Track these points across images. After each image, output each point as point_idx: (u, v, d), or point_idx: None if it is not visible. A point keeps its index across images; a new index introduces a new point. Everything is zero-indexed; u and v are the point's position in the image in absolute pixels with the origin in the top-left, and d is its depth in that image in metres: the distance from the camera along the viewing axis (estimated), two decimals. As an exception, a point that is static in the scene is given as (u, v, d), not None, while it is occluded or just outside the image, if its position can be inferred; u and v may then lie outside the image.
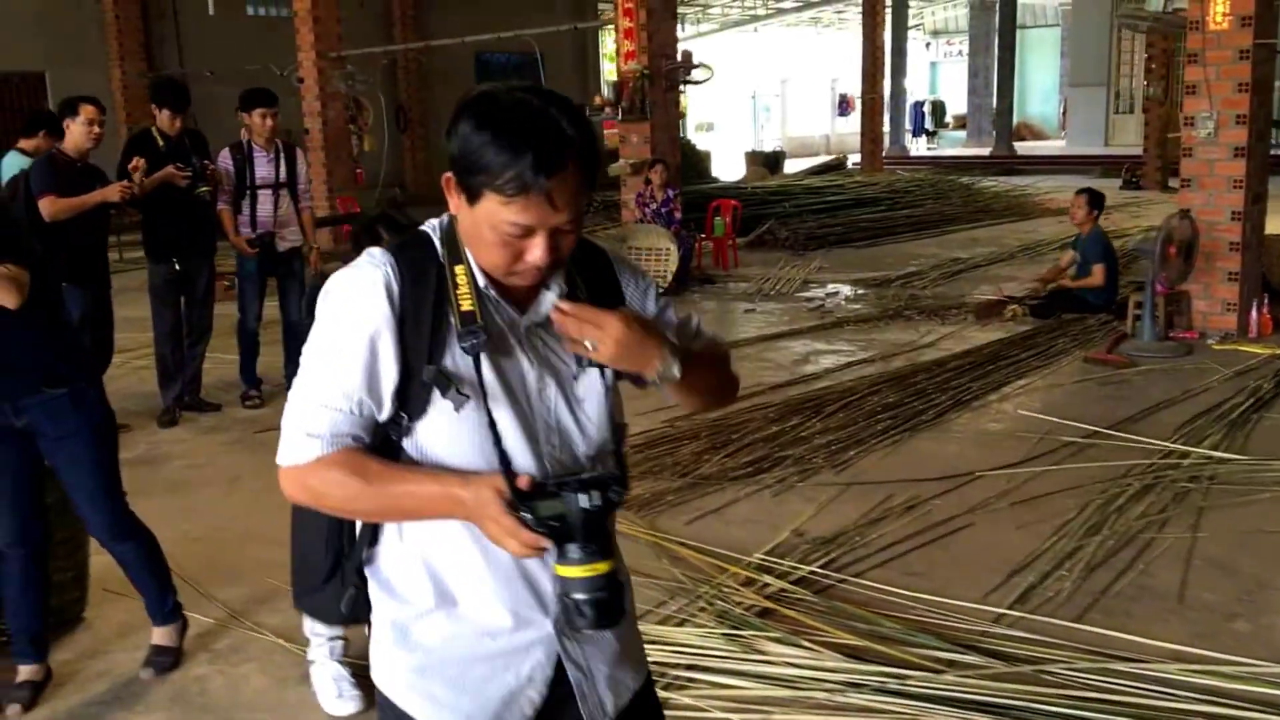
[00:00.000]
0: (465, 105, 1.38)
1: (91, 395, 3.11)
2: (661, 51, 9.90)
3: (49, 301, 3.05)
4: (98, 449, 3.12)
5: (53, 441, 3.06)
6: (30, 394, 3.00)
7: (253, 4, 16.54)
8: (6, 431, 3.03)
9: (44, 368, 3.00)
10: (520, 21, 13.04)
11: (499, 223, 1.35)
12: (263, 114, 6.04)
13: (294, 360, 6.45)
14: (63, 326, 3.17)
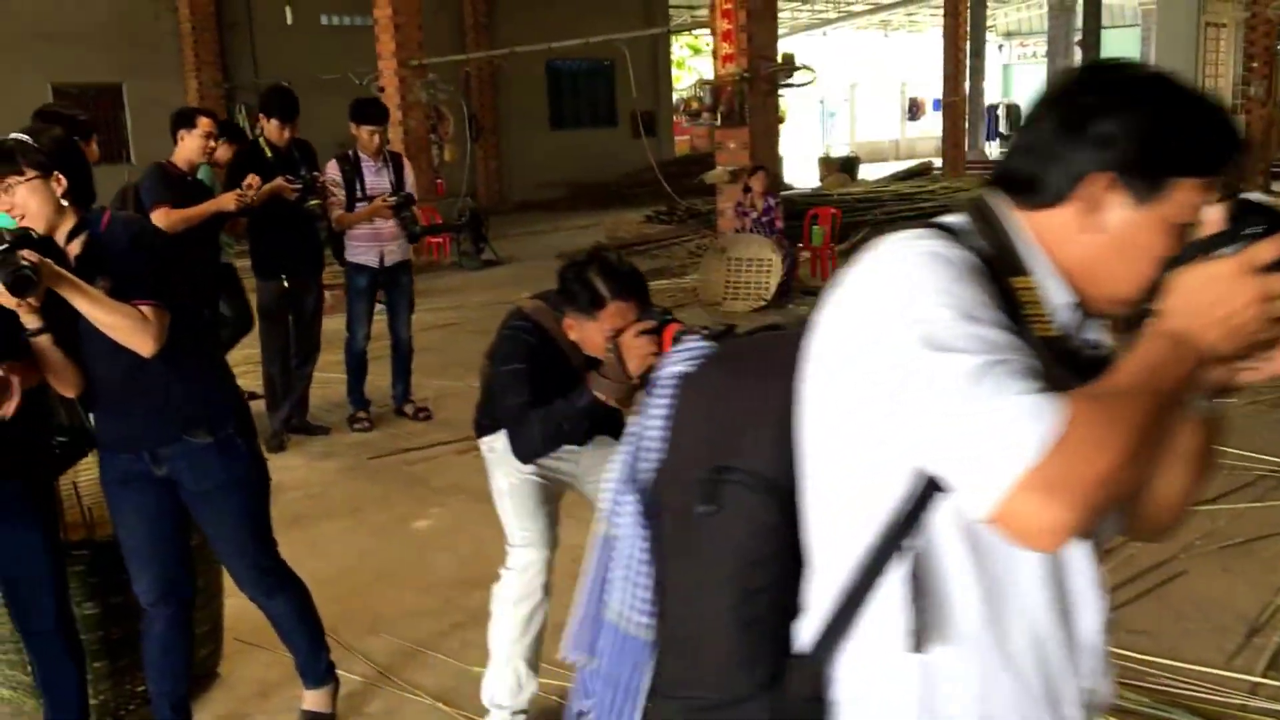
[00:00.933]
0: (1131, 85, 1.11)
1: (240, 445, 2.74)
2: (761, 54, 9.52)
3: (193, 338, 2.69)
4: (247, 502, 2.77)
5: (194, 495, 2.72)
6: (170, 442, 2.66)
7: (327, 13, 16.39)
8: (146, 479, 2.70)
9: (185, 413, 2.66)
10: (589, 28, 12.74)
11: (1185, 213, 1.09)
12: (370, 131, 5.76)
13: (403, 380, 6.16)
14: (208, 365, 2.79)
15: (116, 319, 2.45)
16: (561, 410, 2.64)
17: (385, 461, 5.45)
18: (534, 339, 2.74)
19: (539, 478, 2.96)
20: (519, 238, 14.58)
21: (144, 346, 2.49)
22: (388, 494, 4.99)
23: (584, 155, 19.91)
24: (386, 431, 5.98)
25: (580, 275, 2.61)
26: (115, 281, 2.48)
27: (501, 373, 2.74)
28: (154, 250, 2.62)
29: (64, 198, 2.53)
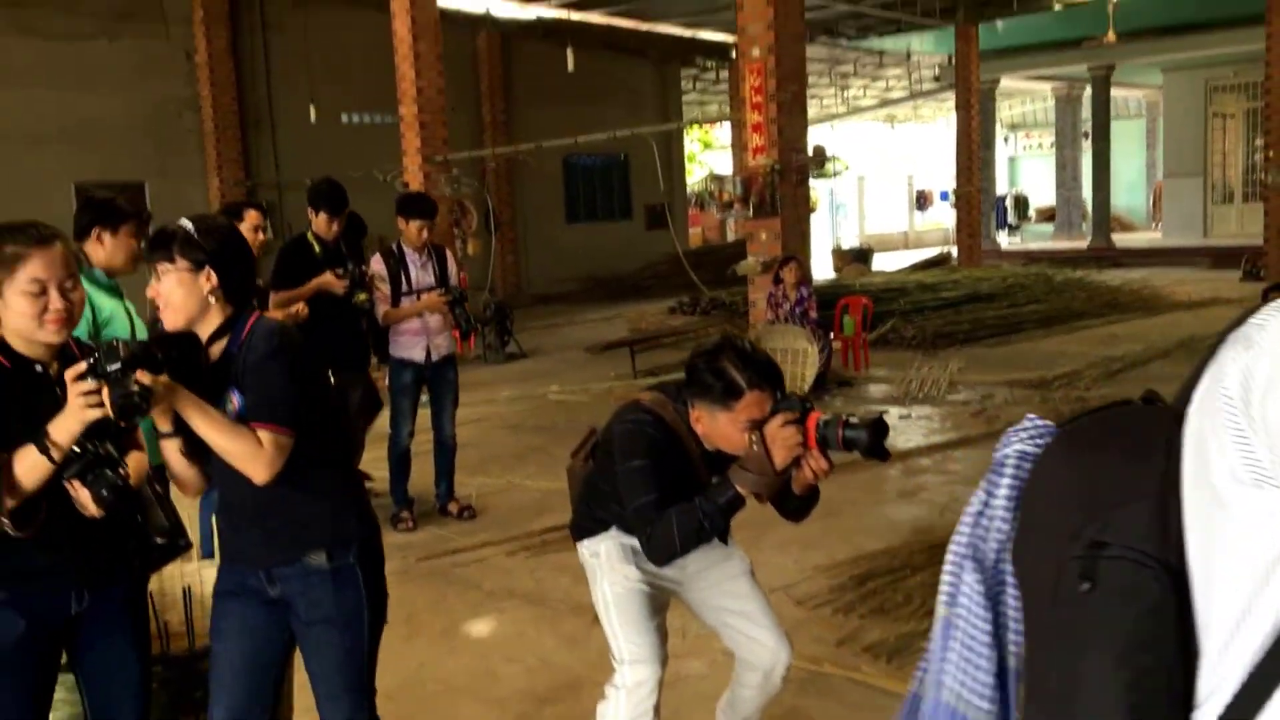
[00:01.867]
0: None
1: (358, 578, 2.50)
2: (792, 145, 9.52)
3: (325, 455, 2.50)
4: (352, 645, 2.52)
5: (303, 624, 2.51)
6: (287, 562, 2.47)
7: (348, 112, 16.59)
8: (258, 597, 2.51)
9: (306, 534, 2.46)
10: (604, 125, 12.83)
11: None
12: (419, 226, 5.67)
13: (446, 478, 5.99)
14: (339, 485, 2.55)
15: (229, 443, 2.31)
16: (701, 508, 2.48)
17: (434, 564, 5.25)
18: (657, 432, 2.59)
19: (646, 586, 2.78)
20: (539, 330, 14.52)
21: (256, 474, 2.33)
22: (441, 599, 4.77)
23: (600, 248, 20.02)
24: (431, 532, 5.79)
25: (713, 364, 2.48)
26: (243, 396, 2.35)
27: (627, 470, 2.59)
28: (291, 366, 2.39)
29: (212, 295, 2.39)
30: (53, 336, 2.30)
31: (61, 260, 2.30)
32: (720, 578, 2.89)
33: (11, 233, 2.29)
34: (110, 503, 2.22)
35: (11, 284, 2.25)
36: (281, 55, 15.87)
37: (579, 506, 2.94)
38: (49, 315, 2.26)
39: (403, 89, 12.69)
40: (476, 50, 18.61)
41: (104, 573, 2.43)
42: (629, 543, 2.82)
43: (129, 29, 14.60)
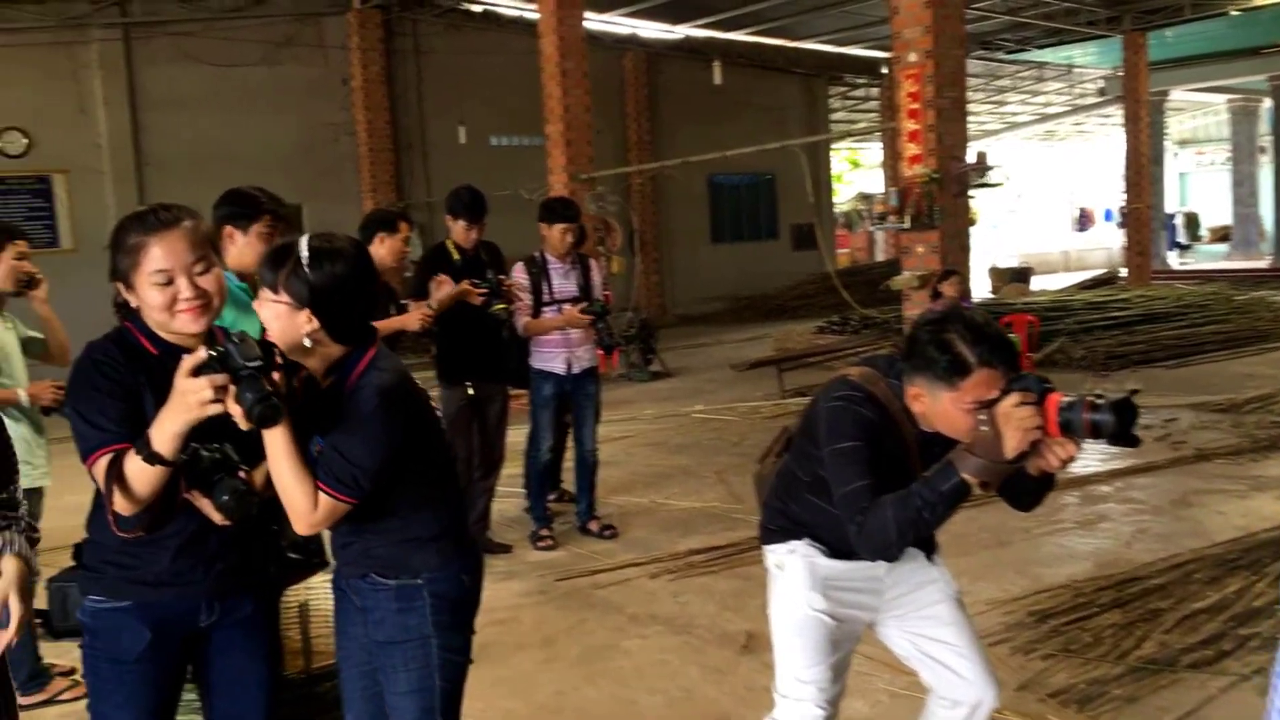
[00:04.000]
0: None
1: (423, 604, 2.24)
2: (951, 153, 9.02)
3: (420, 494, 2.27)
4: (421, 671, 2.25)
5: (374, 642, 2.29)
6: (359, 575, 2.29)
7: (496, 135, 16.75)
8: (351, 604, 2.33)
9: (380, 549, 2.26)
10: (752, 144, 12.49)
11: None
12: (563, 230, 5.46)
13: (587, 495, 5.76)
14: (430, 527, 2.28)
15: (289, 487, 2.09)
16: (920, 495, 2.16)
17: (574, 584, 4.99)
18: (869, 411, 2.28)
19: (829, 618, 2.47)
20: (683, 350, 14.27)
21: (296, 526, 2.15)
22: (581, 622, 4.51)
23: (745, 268, 19.70)
24: (571, 551, 5.54)
25: (938, 337, 2.16)
26: (328, 443, 2.13)
27: (835, 452, 2.28)
28: (386, 431, 2.13)
29: (311, 338, 2.14)
30: (189, 326, 2.12)
31: (188, 244, 2.10)
32: (922, 602, 2.54)
33: (134, 220, 2.13)
34: (235, 511, 2.01)
35: (139, 275, 2.09)
36: (433, 79, 16.15)
37: (769, 503, 2.64)
38: (179, 305, 2.09)
39: (549, 107, 12.67)
40: (623, 71, 18.59)
41: (236, 584, 2.25)
42: (822, 564, 2.50)
43: (288, 55, 15.05)
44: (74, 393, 2.09)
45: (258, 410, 1.90)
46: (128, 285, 2.12)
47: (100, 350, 2.11)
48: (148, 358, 2.12)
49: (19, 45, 13.24)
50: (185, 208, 2.18)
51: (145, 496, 2.01)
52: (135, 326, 2.15)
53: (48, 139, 13.56)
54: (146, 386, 2.08)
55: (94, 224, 13.69)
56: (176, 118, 14.13)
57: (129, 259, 2.09)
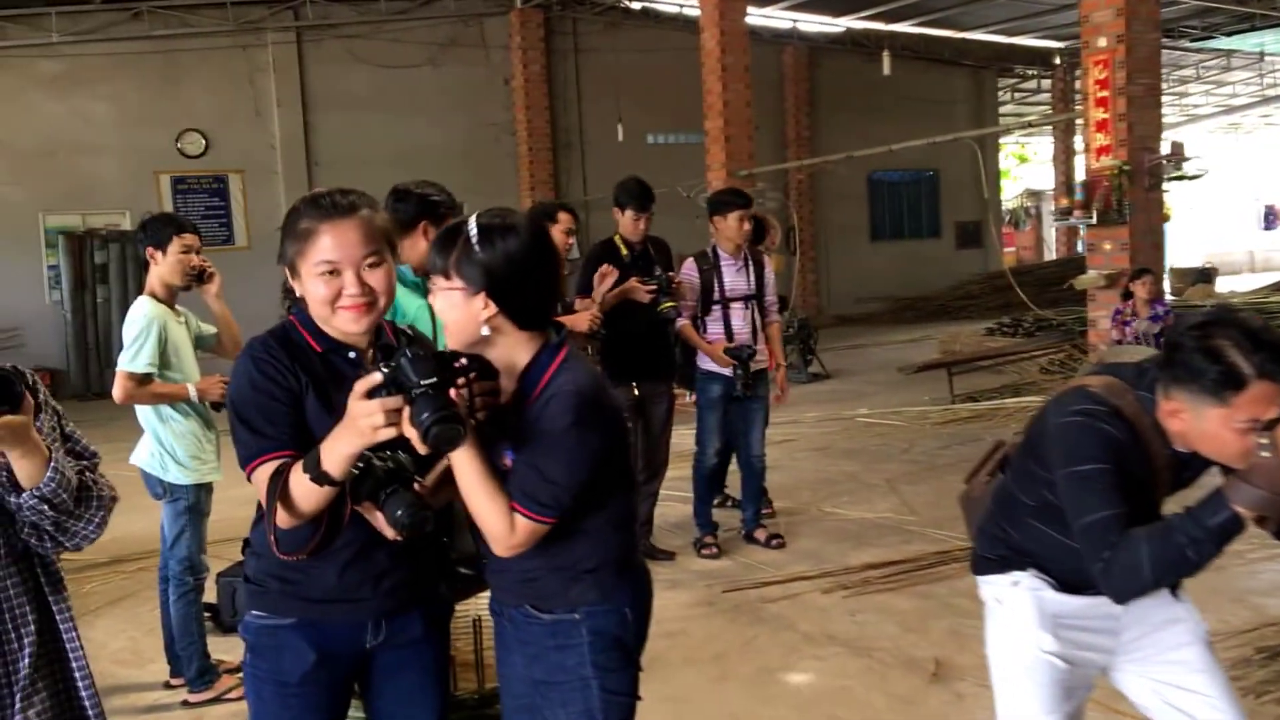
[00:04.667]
0: None
1: (582, 641, 2.01)
2: (1143, 144, 8.42)
3: (599, 518, 2.03)
4: (582, 717, 2.02)
5: (534, 681, 2.07)
6: (512, 604, 2.07)
7: (653, 133, 16.65)
8: (507, 640, 2.12)
9: (536, 579, 2.03)
10: (916, 139, 11.97)
11: None
12: (739, 217, 5.23)
13: (754, 502, 5.52)
14: (600, 553, 2.04)
15: (484, 512, 1.90)
16: (1184, 530, 1.86)
17: (742, 596, 4.75)
18: (1116, 429, 1.98)
19: (1062, 661, 2.16)
20: (843, 351, 13.86)
21: (496, 549, 1.94)
22: (752, 638, 4.27)
23: (906, 267, 19.12)
24: (737, 560, 5.31)
25: (1206, 344, 1.86)
26: (523, 458, 1.90)
27: (1075, 476, 1.99)
28: (585, 444, 1.91)
29: (490, 325, 1.92)
30: (350, 325, 1.94)
31: (360, 236, 1.91)
32: (1166, 645, 2.20)
33: (309, 203, 1.96)
34: (410, 528, 1.81)
35: (305, 263, 1.93)
36: (591, 77, 16.16)
37: (984, 528, 2.35)
38: (342, 301, 1.91)
39: (709, 102, 12.48)
40: (782, 66, 18.25)
41: (405, 602, 2.07)
42: (1051, 599, 2.19)
43: (452, 56, 15.27)
44: (234, 393, 1.94)
45: (434, 432, 1.69)
46: (294, 272, 1.96)
47: (261, 348, 1.95)
48: (312, 355, 1.96)
49: (200, 50, 13.79)
50: (364, 195, 1.99)
51: (310, 513, 1.85)
52: (300, 320, 2.00)
53: (225, 140, 14.09)
54: (310, 387, 1.93)
55: (267, 222, 14.16)
56: (344, 118, 14.51)
57: (297, 244, 1.93)
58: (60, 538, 1.79)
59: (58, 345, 13.00)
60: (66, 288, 12.93)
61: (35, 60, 13.10)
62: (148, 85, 13.62)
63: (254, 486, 1.89)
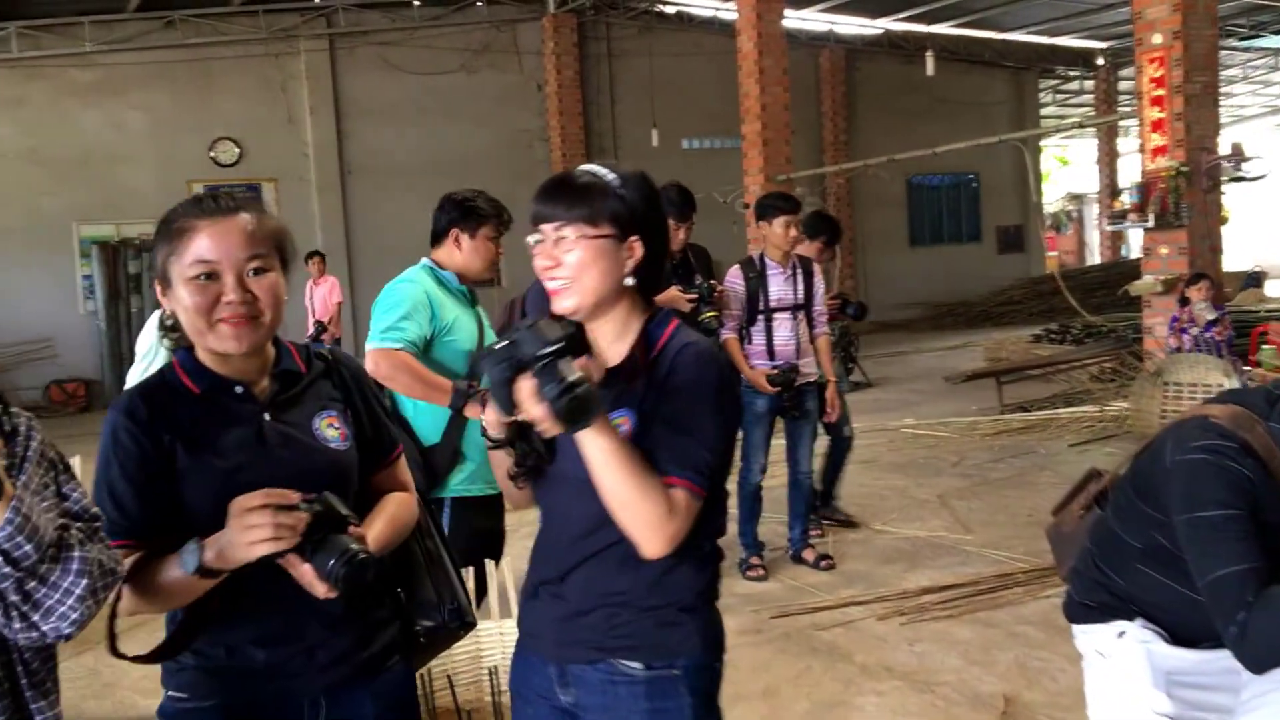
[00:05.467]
0: None
1: (686, 700, 1.68)
2: (1200, 144, 8.10)
3: (706, 522, 1.70)
4: None
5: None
6: (586, 659, 1.71)
7: (688, 138, 16.46)
8: (548, 703, 1.77)
9: (630, 624, 1.68)
10: (954, 142, 11.67)
11: None
12: (786, 223, 4.99)
13: (801, 521, 5.28)
14: (708, 569, 1.75)
15: (634, 499, 1.56)
16: None
17: (792, 623, 4.51)
18: (1246, 468, 1.72)
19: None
20: (884, 359, 13.58)
21: (652, 546, 1.59)
22: (804, 670, 4.02)
23: (946, 272, 18.81)
24: (784, 582, 5.06)
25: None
26: (640, 422, 1.63)
27: (1199, 523, 1.73)
28: (728, 410, 1.68)
29: (632, 277, 1.67)
30: (228, 342, 1.63)
31: (243, 238, 1.64)
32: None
33: (187, 203, 1.69)
34: (345, 579, 1.54)
35: (178, 265, 1.63)
36: (626, 83, 16.01)
37: (1081, 570, 2.09)
38: (220, 312, 1.62)
39: (746, 106, 12.26)
40: (818, 69, 18.00)
41: (349, 676, 1.74)
42: (1164, 653, 1.94)
43: (485, 63, 15.16)
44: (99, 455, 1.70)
45: (566, 405, 1.43)
46: (165, 284, 1.66)
47: (120, 411, 1.67)
48: (185, 402, 1.68)
49: (233, 58, 13.74)
50: (255, 202, 1.74)
51: (177, 605, 1.63)
52: (180, 361, 1.72)
53: (258, 148, 14.03)
54: (178, 443, 1.65)
55: (300, 231, 13.94)
56: (377, 126, 14.42)
57: (169, 245, 1.64)
58: (29, 612, 1.36)
59: (92, 356, 12.97)
60: (100, 298, 12.91)
61: (69, 69, 13.10)
62: (181, 94, 13.60)
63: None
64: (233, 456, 1.65)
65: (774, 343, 5.02)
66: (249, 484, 1.58)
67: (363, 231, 14.20)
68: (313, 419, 1.74)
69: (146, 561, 1.61)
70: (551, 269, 1.66)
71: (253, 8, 13.60)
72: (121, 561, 1.53)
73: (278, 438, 1.69)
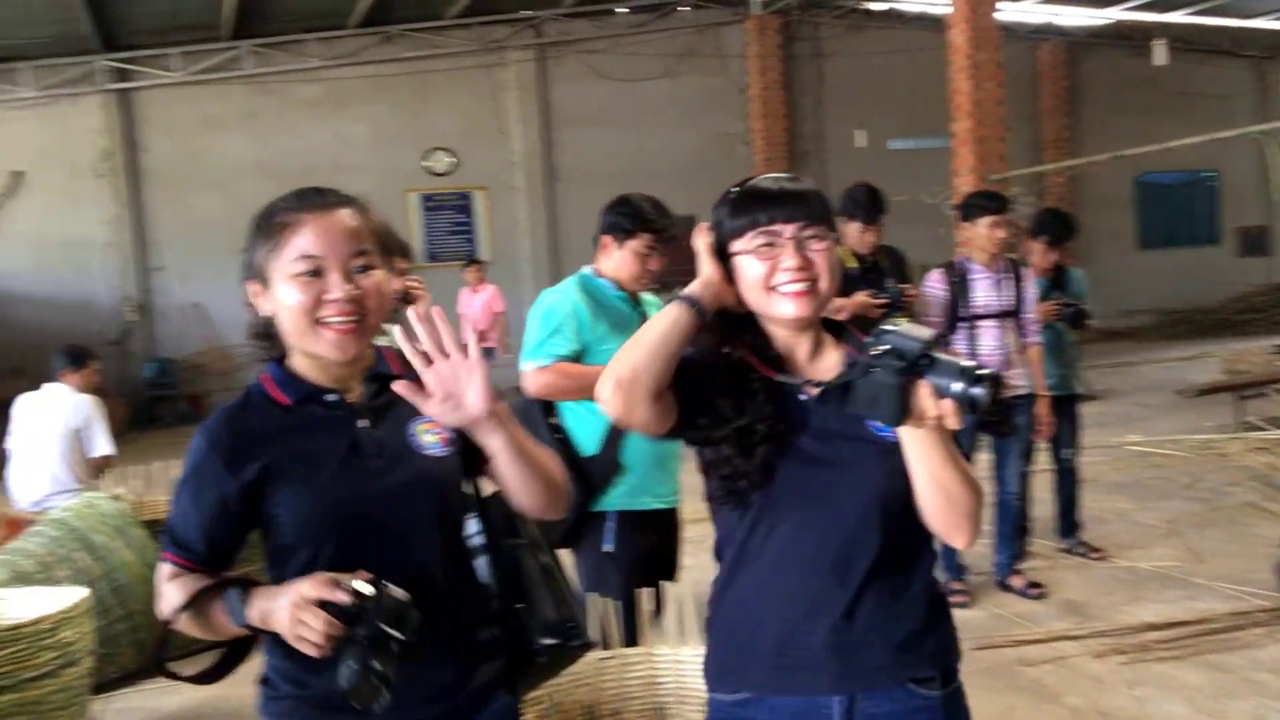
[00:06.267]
0: None
1: (966, 708, 1.68)
2: None
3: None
4: None
5: None
6: (880, 684, 1.61)
7: (894, 138, 15.95)
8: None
9: (923, 638, 1.64)
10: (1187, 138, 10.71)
11: None
12: (991, 223, 4.65)
13: (1008, 545, 4.92)
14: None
15: (962, 483, 1.55)
16: None
17: (995, 656, 4.17)
18: None
19: None
20: (1108, 369, 12.70)
21: (966, 534, 1.58)
22: (1008, 710, 3.69)
23: (1178, 277, 17.49)
24: (988, 610, 4.71)
25: None
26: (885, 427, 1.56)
27: None
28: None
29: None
30: (333, 348, 1.54)
31: (349, 232, 1.55)
32: None
33: (286, 197, 1.60)
34: (364, 698, 1.43)
35: (278, 263, 1.54)
36: (831, 83, 15.69)
37: None
38: (325, 311, 1.52)
39: (957, 103, 11.72)
40: (1037, 63, 17.12)
41: (450, 709, 1.62)
42: None
43: (688, 67, 15.14)
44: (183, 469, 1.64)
45: (979, 394, 1.39)
46: (263, 282, 1.57)
47: (207, 433, 1.59)
48: (274, 421, 1.59)
49: (447, 70, 14.23)
50: (355, 198, 1.63)
51: (230, 638, 1.60)
52: (271, 374, 1.62)
53: (469, 157, 14.47)
54: (270, 469, 1.56)
55: (508, 237, 14.46)
56: (583, 133, 14.63)
57: (269, 242, 1.54)
58: None
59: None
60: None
61: (296, 85, 13.86)
62: (399, 106, 14.17)
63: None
64: (326, 470, 1.56)
65: (978, 352, 4.67)
66: (343, 499, 1.54)
67: (569, 238, 14.41)
68: (410, 425, 1.63)
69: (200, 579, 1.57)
70: (798, 269, 1.59)
71: (466, 21, 14.02)
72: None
73: (373, 447, 1.60)
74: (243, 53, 13.46)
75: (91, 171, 13.35)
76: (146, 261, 13.63)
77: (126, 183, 13.40)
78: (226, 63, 13.48)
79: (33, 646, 2.87)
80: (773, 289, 1.60)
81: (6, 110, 13.00)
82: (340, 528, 1.54)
